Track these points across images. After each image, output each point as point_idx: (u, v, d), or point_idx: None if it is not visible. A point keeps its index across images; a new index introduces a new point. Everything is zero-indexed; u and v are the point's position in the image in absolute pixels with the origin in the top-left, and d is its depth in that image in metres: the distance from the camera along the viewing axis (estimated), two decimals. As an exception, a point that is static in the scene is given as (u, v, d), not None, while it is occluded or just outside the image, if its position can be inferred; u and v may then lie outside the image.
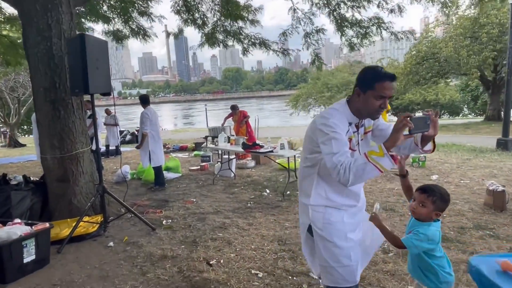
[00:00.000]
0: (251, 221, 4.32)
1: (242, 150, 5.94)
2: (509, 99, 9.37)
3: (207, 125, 34.30)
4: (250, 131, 9.39)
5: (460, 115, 31.73)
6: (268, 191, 5.98)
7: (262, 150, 5.70)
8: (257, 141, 6.09)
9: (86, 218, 3.81)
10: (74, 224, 3.70)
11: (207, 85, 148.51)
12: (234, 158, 7.51)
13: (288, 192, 5.73)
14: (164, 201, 5.34)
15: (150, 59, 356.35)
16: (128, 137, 16.08)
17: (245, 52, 8.17)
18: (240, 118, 9.24)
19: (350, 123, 1.91)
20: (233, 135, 9.22)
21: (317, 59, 7.74)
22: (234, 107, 9.26)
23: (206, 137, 10.00)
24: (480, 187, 5.71)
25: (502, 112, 17.95)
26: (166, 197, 5.59)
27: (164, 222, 4.25)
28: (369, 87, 1.81)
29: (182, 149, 11.77)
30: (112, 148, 10.98)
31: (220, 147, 6.48)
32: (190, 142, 13.60)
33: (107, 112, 10.91)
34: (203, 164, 8.07)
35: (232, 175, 7.18)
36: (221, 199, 5.45)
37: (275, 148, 5.81)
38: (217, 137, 9.31)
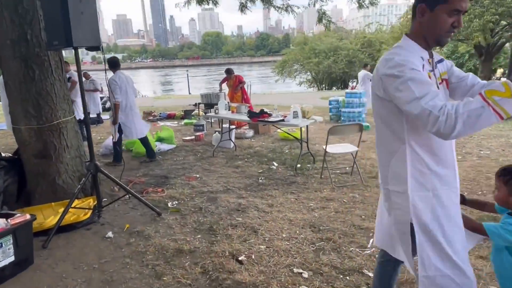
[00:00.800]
0: (270, 201, 3.74)
1: (248, 119, 5.27)
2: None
3: (189, 92, 33.27)
4: (246, 97, 8.66)
5: None
6: (275, 164, 5.39)
7: (271, 119, 5.04)
8: (265, 110, 5.41)
9: (76, 203, 3.12)
10: (61, 210, 3.01)
11: (186, 51, 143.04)
12: (235, 127, 6.83)
13: (299, 165, 5.17)
14: (163, 177, 4.66)
15: (124, 22, 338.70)
16: (109, 104, 14.96)
17: (243, 8, 7.27)
18: (235, 83, 8.46)
19: (422, 59, 1.45)
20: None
21: (325, 16, 6.96)
22: (229, 71, 8.44)
23: (197, 105, 9.19)
24: (506, 158, 5.32)
25: (493, 80, 17.80)
26: (165, 172, 4.91)
27: (169, 204, 3.61)
28: (440, 1, 1.40)
29: (170, 117, 10.93)
30: (93, 116, 10.02)
31: (222, 115, 5.77)
32: (177, 110, 12.73)
33: (85, 76, 9.81)
34: (198, 133, 7.36)
35: (232, 145, 6.53)
36: (227, 174, 4.83)
37: (285, 116, 5.16)
38: (211, 105, 8.58)
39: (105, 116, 12.17)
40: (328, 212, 3.44)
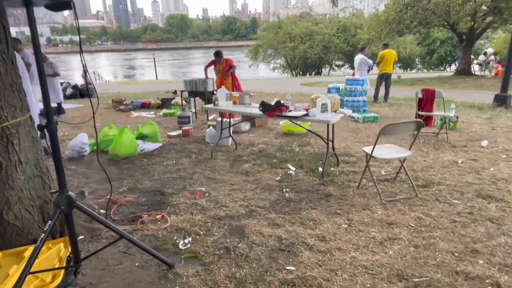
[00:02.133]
0: (317, 229, 2.74)
1: (260, 113, 4.18)
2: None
3: (156, 77, 31.19)
4: (237, 85, 7.51)
5: (414, 69, 31.95)
6: (291, 167, 4.39)
7: (293, 113, 3.99)
8: (281, 101, 4.33)
9: (40, 256, 1.94)
10: (12, 271, 1.84)
11: (149, 33, 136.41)
12: (240, 121, 5.74)
13: (321, 169, 4.21)
14: (158, 193, 3.51)
15: (82, 2, 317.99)
16: (70, 91, 13.18)
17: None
18: (225, 68, 7.27)
19: None
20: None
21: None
22: (218, 54, 7.22)
23: (179, 92, 7.92)
24: (551, 156, 4.65)
25: (472, 66, 17.72)
26: (158, 185, 3.74)
27: (180, 244, 2.49)
28: None
29: (144, 106, 9.54)
30: (52, 105, 8.42)
31: (223, 108, 4.63)
32: (151, 97, 11.29)
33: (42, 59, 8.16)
34: (186, 127, 6.16)
35: (231, 142, 5.44)
36: (240, 185, 3.76)
37: (307, 110, 4.14)
38: (196, 93, 7.35)
39: (68, 105, 10.52)
40: (403, 247, 2.49)
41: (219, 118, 5.33)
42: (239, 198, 3.39)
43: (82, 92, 13.29)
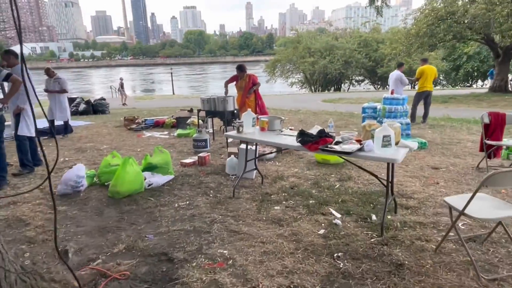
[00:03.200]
0: None
1: (297, 144, 3.24)
2: None
3: (173, 92, 30.83)
4: (261, 104, 6.63)
5: (438, 86, 30.54)
6: (336, 213, 3.41)
7: (344, 148, 3.02)
8: (325, 129, 3.39)
9: None
10: None
11: (167, 49, 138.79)
12: (271, 151, 4.84)
13: (375, 217, 3.21)
14: (163, 258, 2.57)
15: (104, 19, 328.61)
16: (82, 106, 12.61)
17: None
18: (248, 85, 6.42)
19: None
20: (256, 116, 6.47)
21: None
22: (241, 68, 6.38)
23: (195, 112, 7.08)
24: None
25: (510, 83, 16.42)
26: (165, 242, 2.81)
27: None
28: None
29: (158, 125, 8.76)
30: (59, 123, 7.74)
31: (248, 136, 3.72)
32: (166, 114, 10.55)
33: (49, 73, 7.51)
34: (202, 154, 5.26)
35: (255, 175, 4.51)
36: (274, 244, 2.79)
37: (359, 141, 3.17)
38: (214, 112, 6.49)
39: (78, 122, 9.87)
40: None
41: (242, 146, 4.42)
42: (276, 269, 2.42)
43: (95, 108, 12.70)
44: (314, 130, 3.44)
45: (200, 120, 7.72)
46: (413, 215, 3.41)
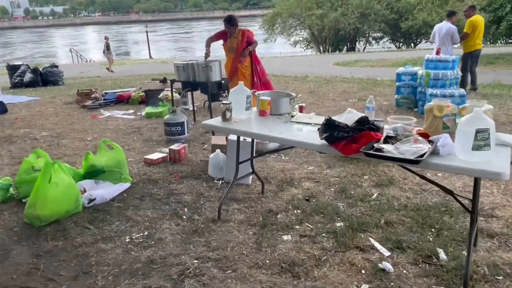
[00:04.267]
0: None
1: (324, 144, 2.26)
2: None
3: (150, 56, 29.42)
4: (260, 70, 5.60)
5: None
6: (383, 250, 2.51)
7: (402, 151, 2.04)
8: (370, 117, 2.40)
9: None
10: None
11: (143, 2, 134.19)
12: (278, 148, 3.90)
13: (443, 254, 2.34)
14: None
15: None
16: (29, 76, 11.46)
17: None
18: (241, 44, 5.36)
19: None
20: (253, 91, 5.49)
21: None
22: (231, 21, 5.29)
23: (169, 82, 6.05)
24: None
25: None
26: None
27: None
28: None
29: (121, 100, 7.72)
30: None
31: (239, 127, 2.72)
32: (134, 85, 9.47)
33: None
34: (175, 146, 4.29)
35: (251, 180, 3.57)
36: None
37: (429, 138, 2.20)
38: (194, 84, 5.46)
39: (19, 98, 8.77)
40: None
41: (233, 136, 3.44)
42: None
43: (45, 78, 11.58)
44: (347, 118, 2.46)
45: (176, 94, 6.70)
46: (504, 248, 2.51)
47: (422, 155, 1.99)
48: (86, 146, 4.93)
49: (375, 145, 2.16)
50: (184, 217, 2.97)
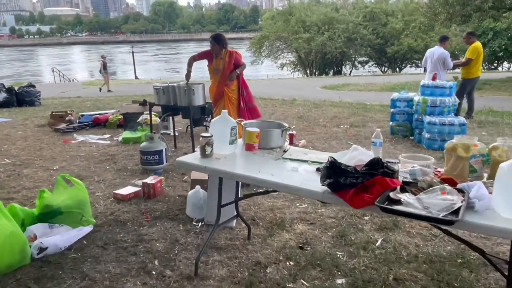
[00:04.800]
0: None
1: (324, 190, 1.80)
2: None
3: (135, 76, 28.96)
4: (247, 95, 5.18)
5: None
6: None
7: (429, 203, 1.60)
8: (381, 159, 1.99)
9: None
10: None
11: (131, 23, 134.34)
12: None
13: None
14: None
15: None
16: (2, 96, 10.84)
17: None
18: (228, 66, 4.94)
19: None
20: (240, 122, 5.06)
21: None
22: (218, 40, 4.89)
23: (148, 106, 5.56)
24: None
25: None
26: None
27: None
28: None
29: (98, 123, 7.18)
30: None
31: (221, 167, 2.24)
32: (114, 107, 8.96)
33: None
34: (150, 179, 3.77)
35: (235, 223, 3.07)
36: None
37: (456, 185, 1.76)
38: (175, 108, 5.00)
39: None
40: None
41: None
42: None
43: (20, 98, 10.97)
44: (351, 157, 2.01)
45: (156, 118, 6.22)
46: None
47: (455, 211, 1.55)
48: (50, 177, 4.37)
49: (391, 194, 1.70)
50: (154, 272, 2.45)
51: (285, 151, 2.49)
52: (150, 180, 3.73)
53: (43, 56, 70.90)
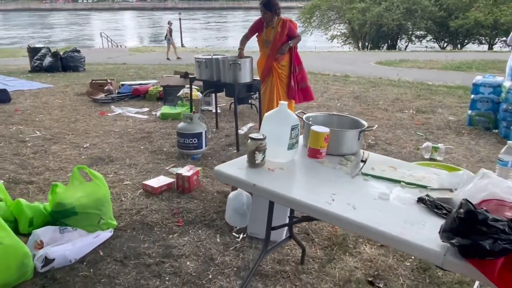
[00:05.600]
0: None
1: (443, 247, 1.11)
2: None
3: (182, 44, 28.55)
4: (299, 73, 4.45)
5: None
6: None
7: None
8: None
9: None
10: None
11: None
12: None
13: None
14: None
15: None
16: (48, 60, 10.69)
17: None
18: (280, 36, 4.21)
19: None
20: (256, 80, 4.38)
21: None
22: (269, 5, 4.15)
23: (189, 79, 4.95)
24: None
25: None
26: None
27: None
28: None
29: (138, 95, 6.72)
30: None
31: (272, 187, 1.58)
32: (156, 77, 8.50)
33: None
34: (185, 170, 3.20)
35: (285, 234, 2.43)
36: None
37: None
38: (218, 85, 4.37)
39: (32, 83, 7.91)
40: None
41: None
42: None
43: (65, 63, 10.78)
44: (479, 190, 1.28)
45: (197, 93, 5.63)
46: None
47: None
48: (78, 156, 3.92)
49: None
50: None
51: (363, 161, 1.79)
52: (186, 171, 3.15)
53: (98, 21, 72.25)
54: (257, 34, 4.41)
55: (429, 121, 5.30)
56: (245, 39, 4.43)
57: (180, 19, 29.64)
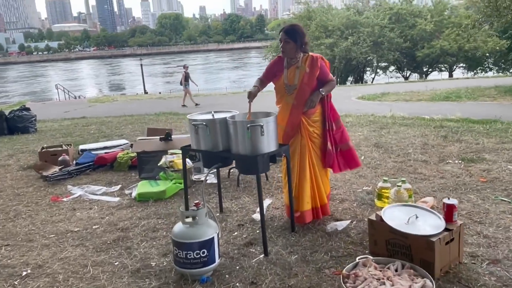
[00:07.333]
0: None
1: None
2: None
3: (145, 91, 27.09)
4: (337, 129, 3.13)
5: (480, 71, 27.24)
6: None
7: None
8: None
9: None
10: None
11: (138, 36, 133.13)
12: None
13: None
14: None
15: (61, 4, 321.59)
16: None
17: None
18: (309, 79, 2.92)
19: None
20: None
21: None
22: (293, 33, 2.89)
23: (170, 138, 3.48)
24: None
25: None
26: None
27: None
28: None
29: (102, 164, 5.16)
30: None
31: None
32: (123, 134, 6.99)
33: None
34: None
35: None
36: None
37: None
38: (224, 158, 2.96)
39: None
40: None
41: None
42: None
43: (11, 125, 9.05)
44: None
45: (188, 160, 4.18)
46: None
47: None
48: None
49: None
50: None
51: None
52: None
53: (54, 72, 69.90)
54: (274, 80, 3.11)
55: (491, 174, 4.09)
56: (260, 83, 3.09)
57: (141, 65, 28.45)
